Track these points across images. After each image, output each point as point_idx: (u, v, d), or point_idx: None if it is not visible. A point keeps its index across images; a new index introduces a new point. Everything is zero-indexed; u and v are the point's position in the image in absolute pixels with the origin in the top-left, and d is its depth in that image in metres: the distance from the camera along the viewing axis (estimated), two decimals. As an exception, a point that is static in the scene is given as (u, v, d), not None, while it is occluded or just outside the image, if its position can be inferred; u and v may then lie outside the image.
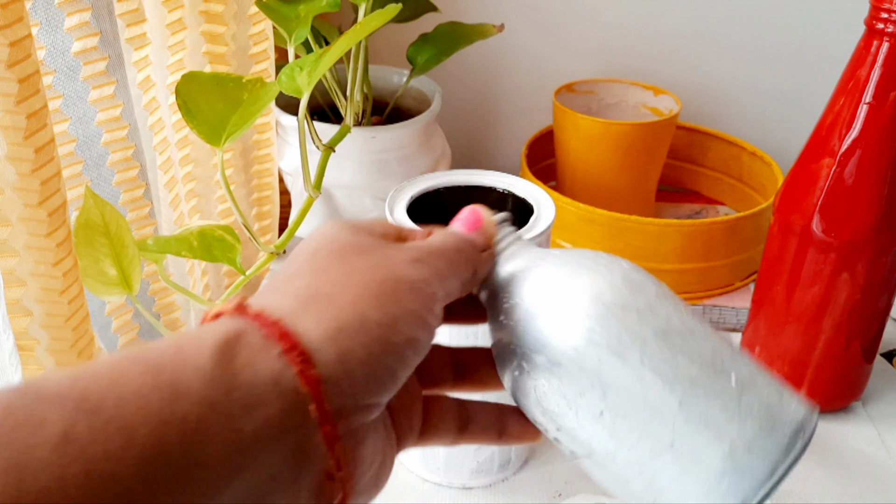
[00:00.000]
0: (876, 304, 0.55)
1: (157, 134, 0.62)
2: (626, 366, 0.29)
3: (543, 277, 0.32)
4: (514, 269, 0.33)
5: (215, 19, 0.63)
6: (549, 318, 0.30)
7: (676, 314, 0.30)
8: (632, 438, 0.28)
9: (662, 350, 0.29)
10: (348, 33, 0.50)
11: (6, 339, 0.40)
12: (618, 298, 0.30)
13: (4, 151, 0.40)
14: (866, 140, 0.50)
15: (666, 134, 0.74)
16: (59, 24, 0.52)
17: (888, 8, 0.47)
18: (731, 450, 0.27)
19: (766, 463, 0.27)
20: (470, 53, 0.83)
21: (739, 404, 0.28)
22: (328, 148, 0.58)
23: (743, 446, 0.27)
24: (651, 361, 0.28)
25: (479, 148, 0.93)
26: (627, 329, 0.29)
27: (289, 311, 0.26)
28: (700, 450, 0.28)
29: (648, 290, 0.31)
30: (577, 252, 0.33)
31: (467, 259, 0.32)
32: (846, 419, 0.59)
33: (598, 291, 0.30)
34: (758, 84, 0.86)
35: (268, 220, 0.77)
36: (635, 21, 0.84)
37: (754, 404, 0.28)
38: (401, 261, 0.29)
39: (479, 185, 0.50)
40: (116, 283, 0.46)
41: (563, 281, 0.31)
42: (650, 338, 0.29)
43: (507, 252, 0.34)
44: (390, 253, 0.29)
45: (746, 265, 0.70)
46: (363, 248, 0.29)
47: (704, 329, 0.30)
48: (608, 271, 0.31)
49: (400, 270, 0.28)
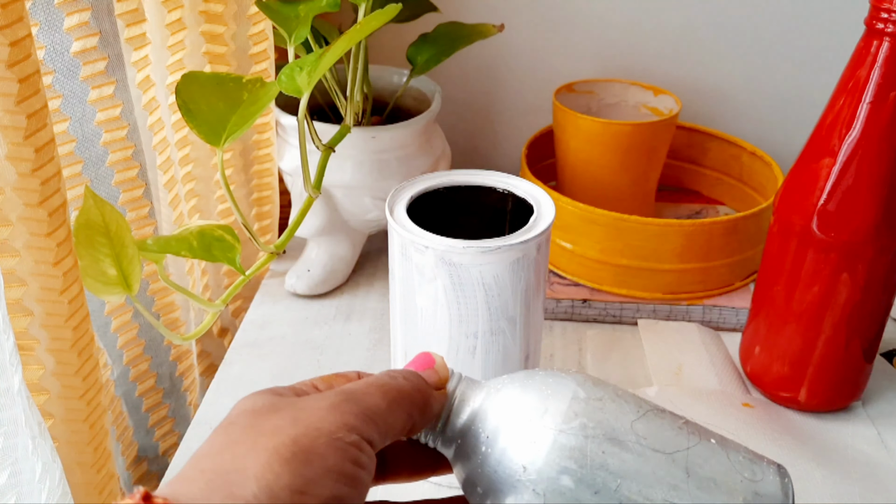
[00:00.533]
0: (876, 304, 0.55)
1: (157, 134, 0.62)
2: (628, 451, 0.30)
3: (511, 402, 0.32)
4: (473, 408, 0.33)
5: (215, 19, 0.63)
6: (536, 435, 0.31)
7: (639, 397, 0.32)
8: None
9: (649, 428, 0.31)
10: (348, 33, 0.50)
11: (6, 339, 0.40)
12: (591, 393, 0.31)
13: (4, 151, 0.40)
14: (866, 140, 0.50)
15: (666, 134, 0.74)
16: (59, 24, 0.52)
17: (888, 8, 0.47)
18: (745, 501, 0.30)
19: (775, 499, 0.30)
20: (470, 53, 0.83)
21: (730, 460, 0.31)
22: (328, 148, 0.58)
23: (752, 493, 0.30)
24: (647, 440, 0.30)
25: (479, 148, 0.93)
26: (613, 416, 0.31)
27: (198, 496, 0.25)
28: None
29: (608, 384, 0.33)
30: (525, 373, 0.34)
31: (418, 393, 0.31)
32: (846, 419, 0.59)
33: (573, 392, 0.31)
34: (758, 84, 0.86)
35: (268, 220, 0.77)
36: (635, 21, 0.84)
37: (741, 456, 0.31)
38: (317, 409, 0.28)
39: (479, 185, 0.50)
40: (116, 283, 0.46)
41: (532, 398, 0.32)
42: (635, 420, 0.31)
43: (461, 394, 0.33)
44: (306, 405, 0.28)
45: (746, 265, 0.70)
46: (276, 407, 0.28)
47: (662, 406, 0.33)
48: (569, 378, 0.32)
49: (315, 422, 0.27)
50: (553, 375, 0.33)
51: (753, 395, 0.61)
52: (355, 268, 0.75)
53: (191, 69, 0.64)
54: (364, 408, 0.29)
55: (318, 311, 0.70)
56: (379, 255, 0.78)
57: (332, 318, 0.70)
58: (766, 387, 0.60)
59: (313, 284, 0.71)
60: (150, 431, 0.70)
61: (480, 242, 0.44)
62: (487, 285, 0.45)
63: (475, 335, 0.46)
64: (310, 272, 0.71)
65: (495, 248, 0.44)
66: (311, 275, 0.71)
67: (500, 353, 0.47)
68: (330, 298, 0.72)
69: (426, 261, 0.45)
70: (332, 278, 0.72)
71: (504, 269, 0.44)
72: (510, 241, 0.44)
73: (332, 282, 0.72)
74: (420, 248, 0.45)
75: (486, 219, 0.51)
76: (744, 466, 0.31)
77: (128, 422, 0.67)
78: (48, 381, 0.46)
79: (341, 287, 0.73)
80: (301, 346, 0.66)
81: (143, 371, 0.67)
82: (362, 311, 0.70)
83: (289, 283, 0.72)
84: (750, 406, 0.59)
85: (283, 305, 0.71)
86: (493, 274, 0.44)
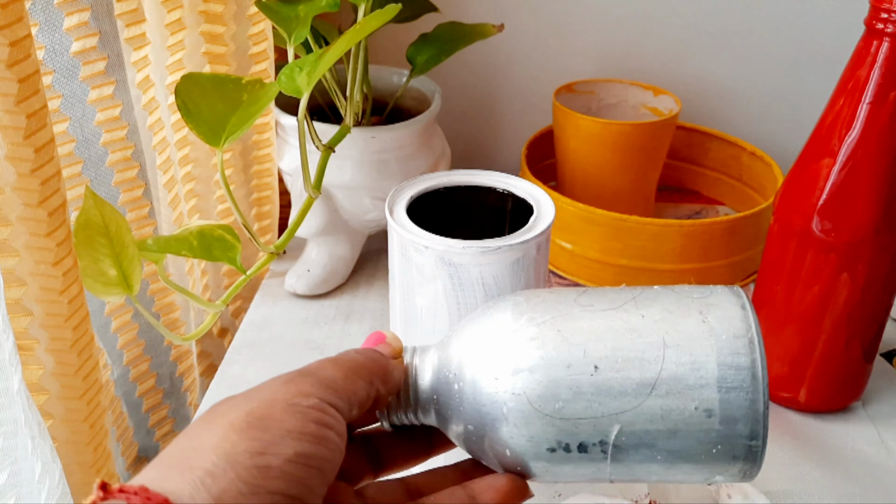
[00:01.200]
0: (876, 304, 0.55)
1: (157, 134, 0.62)
2: (580, 319, 0.31)
3: (462, 337, 0.33)
4: (432, 364, 0.34)
5: (215, 19, 0.63)
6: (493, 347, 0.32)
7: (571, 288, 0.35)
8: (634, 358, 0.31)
9: (591, 297, 0.32)
10: (348, 33, 0.50)
11: (6, 339, 0.40)
12: (529, 296, 0.33)
13: (4, 151, 0.40)
14: (866, 140, 0.50)
15: (666, 134, 0.74)
16: (59, 24, 0.52)
17: (888, 8, 0.47)
18: (701, 314, 0.31)
19: (744, 322, 0.31)
20: (470, 53, 0.83)
21: (676, 292, 0.33)
22: (328, 148, 0.58)
23: (706, 306, 0.31)
24: (593, 306, 0.32)
25: (479, 148, 0.93)
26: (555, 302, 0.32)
27: (156, 477, 0.25)
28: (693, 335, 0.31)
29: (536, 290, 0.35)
30: (466, 317, 0.35)
31: (375, 363, 0.32)
32: (846, 419, 0.59)
33: (513, 301, 0.33)
34: (758, 84, 0.86)
35: (267, 220, 0.77)
36: (635, 21, 0.84)
37: (686, 287, 0.33)
38: (271, 386, 0.29)
39: (479, 185, 0.50)
40: (116, 283, 0.46)
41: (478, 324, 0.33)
42: (577, 297, 0.33)
43: (418, 362, 0.34)
44: (262, 385, 0.29)
45: (746, 265, 0.70)
46: (233, 397, 0.29)
47: None
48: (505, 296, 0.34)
49: (269, 395, 0.28)
50: (490, 301, 0.35)
51: (753, 395, 0.61)
52: (355, 268, 0.75)
53: (190, 69, 0.64)
54: (320, 378, 0.29)
55: (318, 311, 0.70)
56: (379, 255, 0.78)
57: (332, 318, 0.70)
58: (766, 387, 0.60)
59: (313, 284, 0.71)
60: (150, 432, 0.70)
61: (480, 242, 0.44)
62: (487, 285, 0.45)
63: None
64: (310, 272, 0.71)
65: (495, 248, 0.44)
66: (311, 275, 0.71)
67: (499, 353, 0.47)
68: (330, 298, 0.72)
69: (426, 261, 0.45)
70: (332, 278, 0.72)
71: (504, 269, 0.44)
72: (510, 241, 0.44)
73: (332, 282, 0.72)
74: (420, 248, 0.45)
75: (486, 219, 0.51)
76: (691, 291, 0.32)
77: (128, 422, 0.67)
78: (48, 381, 0.46)
79: (341, 287, 0.73)
80: (301, 346, 0.66)
81: (144, 371, 0.67)
82: (362, 311, 0.70)
83: (289, 283, 0.72)
84: (750, 406, 0.59)
85: (283, 305, 0.71)
86: (493, 274, 0.44)
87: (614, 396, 0.30)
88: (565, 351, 0.30)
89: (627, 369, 0.30)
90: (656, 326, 0.31)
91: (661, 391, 0.30)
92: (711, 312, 0.31)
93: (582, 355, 0.30)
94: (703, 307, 0.31)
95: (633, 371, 0.30)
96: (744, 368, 0.30)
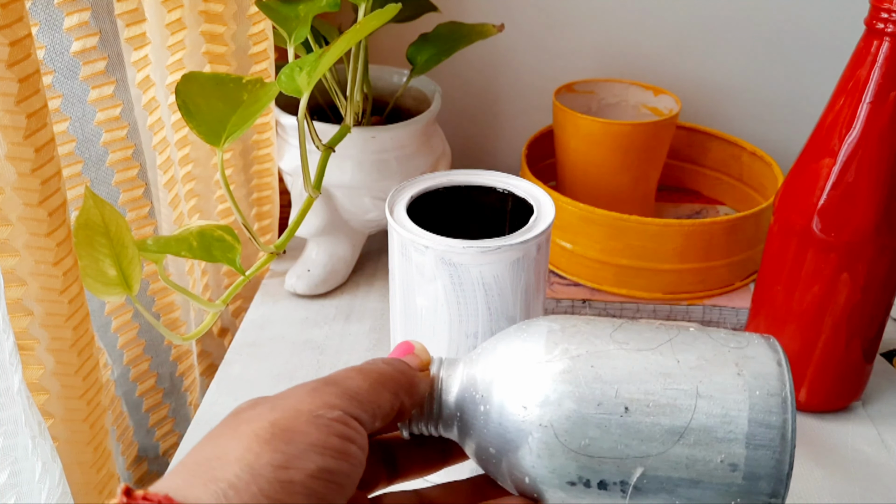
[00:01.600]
0: (876, 304, 0.55)
1: (157, 134, 0.62)
2: (615, 358, 0.31)
3: (493, 358, 0.33)
4: (460, 380, 0.33)
5: (215, 19, 0.63)
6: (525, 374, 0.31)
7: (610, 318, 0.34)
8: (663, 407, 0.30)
9: (628, 334, 0.32)
10: (348, 33, 0.50)
11: (6, 339, 0.40)
12: (564, 323, 0.33)
13: (4, 151, 0.40)
14: (866, 140, 0.50)
15: (666, 134, 0.74)
16: (59, 24, 0.52)
17: (888, 8, 0.47)
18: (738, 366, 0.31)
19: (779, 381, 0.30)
20: (470, 53, 0.83)
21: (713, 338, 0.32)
22: (328, 148, 0.58)
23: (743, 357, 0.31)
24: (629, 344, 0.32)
25: (479, 148, 0.93)
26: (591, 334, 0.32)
27: (181, 485, 0.25)
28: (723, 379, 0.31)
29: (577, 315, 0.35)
30: (498, 334, 0.35)
31: (402, 374, 0.31)
32: (846, 419, 0.59)
33: (547, 328, 0.33)
34: (758, 84, 0.86)
35: (268, 220, 0.77)
36: (635, 21, 0.84)
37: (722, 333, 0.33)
38: (296, 395, 0.28)
39: (479, 185, 0.50)
40: (116, 283, 0.46)
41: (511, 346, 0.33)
42: (613, 331, 0.32)
43: (445, 375, 0.34)
44: (285, 394, 0.29)
45: (746, 265, 0.70)
46: (257, 402, 0.29)
47: None
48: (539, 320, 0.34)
49: (294, 404, 0.28)
50: (524, 323, 0.34)
51: (753, 395, 0.61)
52: (355, 268, 0.75)
53: (191, 69, 0.64)
54: (345, 388, 0.29)
55: (318, 311, 0.70)
56: (379, 255, 0.78)
57: (332, 318, 0.70)
58: (766, 387, 0.60)
59: (313, 284, 0.71)
60: (150, 431, 0.70)
61: (480, 242, 0.44)
62: (487, 285, 0.45)
63: (475, 335, 0.46)
64: (310, 272, 0.71)
65: (495, 248, 0.44)
66: (311, 275, 0.71)
67: (500, 352, 0.47)
68: (330, 298, 0.72)
69: (426, 261, 0.45)
70: (332, 278, 0.72)
71: (504, 269, 0.44)
72: (510, 241, 0.44)
73: (332, 282, 0.72)
74: (420, 248, 0.45)
75: (486, 219, 0.51)
76: (728, 339, 0.32)
77: (128, 422, 0.67)
78: (48, 381, 0.46)
79: (341, 287, 0.73)
80: (301, 346, 0.66)
81: (144, 371, 0.67)
82: (362, 311, 0.70)
83: (289, 283, 0.72)
84: (750, 406, 0.59)
85: (283, 305, 0.71)
86: (493, 274, 0.44)
87: (641, 440, 0.30)
88: (598, 389, 0.30)
89: (658, 415, 0.30)
90: (691, 374, 0.30)
91: (688, 440, 0.30)
92: (748, 366, 0.31)
93: (614, 395, 0.30)
94: (739, 359, 0.31)
95: (664, 417, 0.30)
96: (774, 427, 0.29)
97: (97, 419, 0.49)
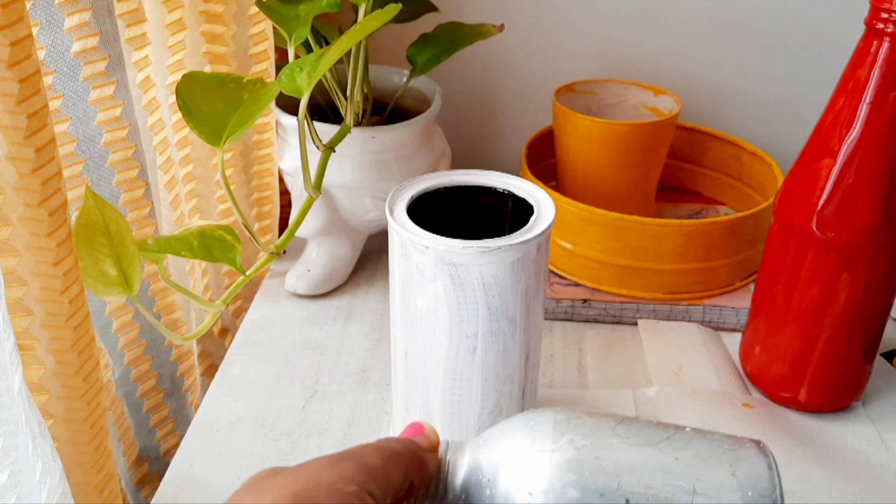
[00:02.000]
0: (876, 304, 0.55)
1: (158, 134, 0.62)
2: (618, 451, 0.32)
3: (500, 444, 0.34)
4: (467, 464, 0.34)
5: (215, 19, 0.63)
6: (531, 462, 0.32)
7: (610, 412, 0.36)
8: None
9: (629, 430, 0.34)
10: (348, 33, 0.50)
11: (6, 339, 0.40)
12: (569, 415, 0.34)
13: (5, 151, 0.40)
14: (866, 140, 0.50)
15: (666, 134, 0.74)
16: (60, 24, 0.52)
17: (888, 8, 0.47)
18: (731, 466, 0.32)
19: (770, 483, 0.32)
20: (470, 53, 0.83)
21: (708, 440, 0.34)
22: (328, 148, 0.58)
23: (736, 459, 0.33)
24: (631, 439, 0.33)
25: (479, 148, 0.93)
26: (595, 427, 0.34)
27: None
28: None
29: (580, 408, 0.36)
30: (504, 421, 0.36)
31: (413, 454, 0.32)
32: (846, 419, 0.59)
33: (553, 418, 0.34)
34: (758, 84, 0.86)
35: (268, 220, 0.77)
36: (635, 21, 0.84)
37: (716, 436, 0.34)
38: (316, 466, 0.29)
39: (479, 185, 0.50)
40: (117, 284, 0.46)
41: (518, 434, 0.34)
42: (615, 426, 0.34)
43: (452, 457, 0.35)
44: (306, 465, 0.30)
45: (746, 265, 0.70)
46: (278, 471, 0.30)
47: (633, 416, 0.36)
48: (545, 410, 0.35)
49: (314, 476, 0.29)
50: (529, 412, 0.35)
51: (753, 395, 0.61)
52: (355, 268, 0.75)
53: (191, 69, 0.64)
54: (361, 463, 0.30)
55: (318, 311, 0.70)
56: (379, 255, 0.78)
57: (332, 318, 0.70)
58: (766, 387, 0.60)
59: (313, 284, 0.71)
60: (151, 432, 0.70)
61: (480, 242, 0.44)
62: (487, 285, 0.45)
63: (475, 335, 0.46)
64: (310, 272, 0.71)
65: (495, 248, 0.44)
66: (312, 275, 0.71)
67: (500, 353, 0.47)
68: (330, 298, 0.72)
69: (426, 261, 0.45)
70: (332, 278, 0.72)
71: (504, 269, 0.44)
72: (510, 241, 0.44)
73: (332, 282, 0.72)
74: (420, 248, 0.45)
75: (486, 219, 0.51)
76: (722, 441, 0.34)
77: (129, 422, 0.67)
78: (48, 381, 0.46)
79: (341, 287, 0.73)
80: (301, 346, 0.66)
81: (145, 372, 0.67)
82: (362, 311, 0.70)
83: (289, 283, 0.72)
84: (750, 406, 0.59)
85: (283, 305, 0.71)
86: (493, 274, 0.44)
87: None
88: (601, 479, 0.31)
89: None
90: (689, 472, 0.32)
91: None
92: (741, 468, 0.32)
93: (616, 487, 0.31)
94: (733, 460, 0.32)
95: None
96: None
97: (98, 419, 0.49)
